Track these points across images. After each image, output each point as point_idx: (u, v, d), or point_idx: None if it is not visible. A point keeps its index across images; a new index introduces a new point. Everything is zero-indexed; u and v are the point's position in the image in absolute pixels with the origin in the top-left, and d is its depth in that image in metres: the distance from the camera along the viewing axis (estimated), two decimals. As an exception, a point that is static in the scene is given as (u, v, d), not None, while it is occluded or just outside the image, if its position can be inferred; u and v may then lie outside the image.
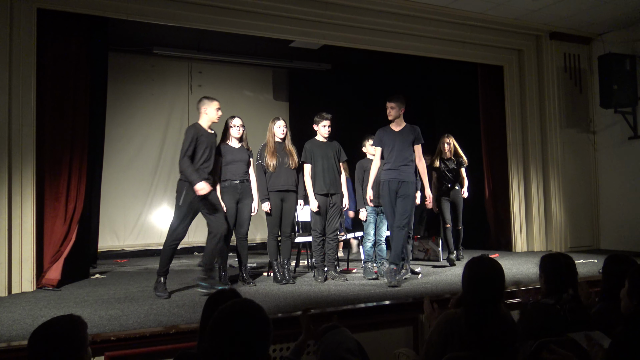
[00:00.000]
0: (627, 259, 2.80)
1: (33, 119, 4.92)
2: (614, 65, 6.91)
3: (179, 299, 4.31)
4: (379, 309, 3.89)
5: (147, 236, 8.47)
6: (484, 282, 2.27)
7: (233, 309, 1.67)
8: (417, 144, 4.99)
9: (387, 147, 4.99)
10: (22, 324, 3.52)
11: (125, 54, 8.11)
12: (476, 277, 2.31)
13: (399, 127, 5.02)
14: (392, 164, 4.92)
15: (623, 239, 7.16)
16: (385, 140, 5.02)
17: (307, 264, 6.13)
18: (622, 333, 2.09)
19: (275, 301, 4.13)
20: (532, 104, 7.50)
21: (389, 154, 4.96)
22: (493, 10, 6.66)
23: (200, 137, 4.59)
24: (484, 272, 2.31)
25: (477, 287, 2.27)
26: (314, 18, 6.17)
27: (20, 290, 4.76)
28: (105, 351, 3.05)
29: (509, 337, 2.20)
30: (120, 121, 8.20)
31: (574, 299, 2.65)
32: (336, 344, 2.24)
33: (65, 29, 5.24)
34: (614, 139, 7.43)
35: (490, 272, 2.31)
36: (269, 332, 1.67)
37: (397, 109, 4.97)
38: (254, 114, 8.35)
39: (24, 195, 4.85)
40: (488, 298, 2.24)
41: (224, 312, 1.67)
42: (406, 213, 4.84)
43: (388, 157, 4.97)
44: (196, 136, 4.56)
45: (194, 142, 4.54)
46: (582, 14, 6.85)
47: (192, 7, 5.64)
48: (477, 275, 2.31)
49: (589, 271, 5.21)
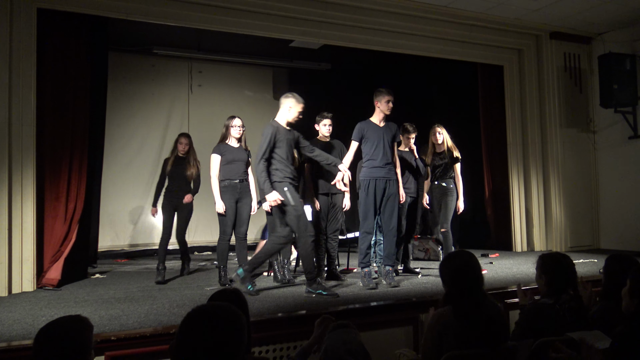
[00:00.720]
0: (628, 258, 2.80)
1: (33, 119, 4.92)
2: (614, 65, 6.91)
3: (179, 299, 4.31)
4: (379, 309, 3.89)
5: (147, 236, 8.46)
6: (462, 273, 2.38)
7: (205, 313, 1.62)
8: (397, 141, 4.95)
9: (370, 143, 4.75)
10: (22, 323, 3.52)
11: (125, 54, 8.11)
12: (454, 270, 2.42)
13: (383, 123, 4.84)
14: (379, 162, 4.71)
15: (623, 239, 7.15)
16: (368, 135, 4.76)
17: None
18: (623, 333, 2.09)
19: (275, 301, 4.13)
20: (532, 104, 7.50)
21: (374, 151, 4.73)
22: (493, 10, 6.66)
23: (279, 134, 4.41)
24: (459, 264, 2.42)
25: (457, 279, 2.39)
26: (314, 18, 6.17)
27: (20, 290, 4.76)
28: (105, 351, 3.04)
29: (499, 323, 2.31)
30: (120, 121, 8.19)
31: (574, 298, 2.65)
32: (340, 343, 2.24)
33: (65, 29, 5.24)
34: (614, 139, 7.43)
35: (465, 263, 2.42)
36: (241, 339, 1.60)
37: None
38: (254, 114, 8.35)
39: (24, 195, 4.85)
40: (470, 287, 2.35)
41: (193, 315, 1.61)
42: (396, 213, 4.79)
43: (373, 153, 4.73)
44: (274, 134, 4.37)
45: (272, 142, 4.34)
46: (582, 14, 6.84)
47: (192, 7, 5.64)
48: (454, 269, 2.42)
49: (588, 271, 5.21)
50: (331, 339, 2.31)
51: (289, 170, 4.42)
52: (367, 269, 4.70)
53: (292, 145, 4.53)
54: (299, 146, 4.64)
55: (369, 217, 4.71)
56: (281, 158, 4.38)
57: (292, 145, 4.52)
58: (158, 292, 4.69)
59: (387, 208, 4.75)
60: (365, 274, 4.67)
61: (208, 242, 8.29)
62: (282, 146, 4.38)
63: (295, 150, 5.10)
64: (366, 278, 4.64)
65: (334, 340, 2.29)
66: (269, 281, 5.19)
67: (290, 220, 4.36)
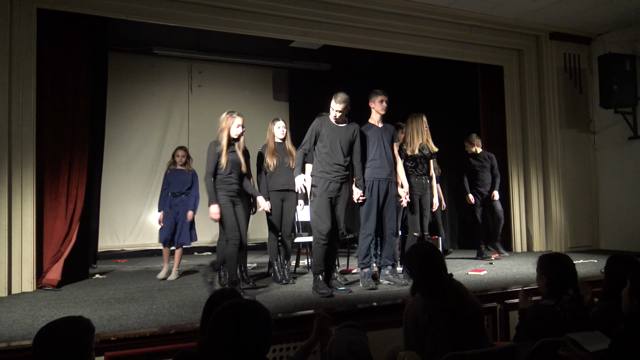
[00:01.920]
0: (630, 258, 2.80)
1: (33, 119, 4.92)
2: (614, 65, 6.92)
3: (179, 299, 4.31)
4: (378, 309, 3.89)
5: (147, 236, 8.46)
6: (427, 258, 2.53)
7: (236, 307, 1.66)
8: (396, 142, 4.95)
9: (370, 144, 4.73)
10: (22, 324, 3.52)
11: (125, 54, 8.11)
12: (418, 257, 2.56)
13: (381, 124, 4.85)
14: (380, 162, 4.71)
15: (623, 239, 7.16)
16: (369, 135, 4.77)
17: (307, 264, 6.13)
18: (623, 333, 2.09)
19: (275, 301, 4.13)
20: (532, 104, 7.50)
21: (375, 152, 4.72)
22: (493, 10, 6.66)
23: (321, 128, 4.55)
24: (424, 252, 2.58)
25: (423, 265, 2.51)
26: (314, 18, 6.17)
27: (20, 290, 4.76)
28: (105, 351, 3.04)
29: (467, 295, 2.43)
30: (120, 121, 8.20)
31: (574, 299, 2.65)
32: (345, 341, 2.27)
33: (65, 29, 5.24)
34: (614, 139, 7.43)
35: (428, 250, 2.58)
36: (270, 333, 1.66)
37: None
38: (254, 114, 8.34)
39: (24, 195, 4.85)
40: (436, 270, 2.48)
41: (226, 310, 1.65)
42: (395, 215, 4.82)
43: (374, 154, 4.72)
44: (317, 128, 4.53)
45: (313, 134, 4.53)
46: (582, 14, 6.85)
47: (192, 7, 5.64)
48: (418, 256, 2.57)
49: (588, 271, 5.21)
50: (337, 337, 2.34)
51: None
52: (367, 270, 4.70)
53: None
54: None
55: (370, 218, 4.70)
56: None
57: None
58: (158, 292, 4.69)
59: (389, 209, 4.76)
60: (365, 275, 4.67)
61: (208, 242, 8.27)
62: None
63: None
64: (366, 278, 4.64)
65: (340, 338, 2.32)
66: (269, 281, 5.18)
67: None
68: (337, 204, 4.55)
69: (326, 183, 4.46)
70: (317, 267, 4.44)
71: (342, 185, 4.54)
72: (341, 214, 4.57)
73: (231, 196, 4.50)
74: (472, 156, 6.70)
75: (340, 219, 4.59)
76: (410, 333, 2.42)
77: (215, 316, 1.64)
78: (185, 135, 8.85)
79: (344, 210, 4.61)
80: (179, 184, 5.60)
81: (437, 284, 2.42)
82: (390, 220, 4.76)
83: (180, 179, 5.63)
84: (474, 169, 6.65)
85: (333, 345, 2.29)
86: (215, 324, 1.63)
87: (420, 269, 2.51)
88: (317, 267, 4.43)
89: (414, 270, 2.57)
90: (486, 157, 6.69)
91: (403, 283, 4.68)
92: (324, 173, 4.48)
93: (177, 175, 5.64)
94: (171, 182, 5.63)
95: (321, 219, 4.41)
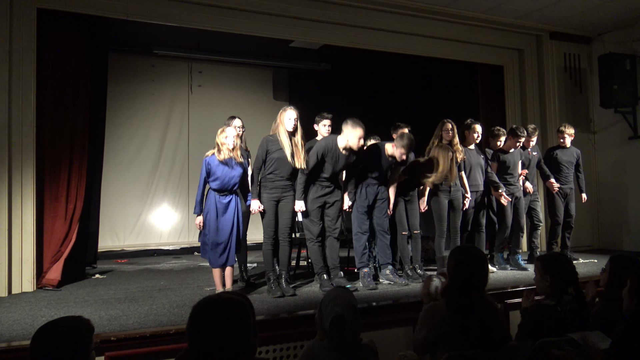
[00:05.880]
0: (631, 258, 2.80)
1: (33, 119, 4.91)
2: (614, 65, 6.92)
3: (179, 299, 4.31)
4: (378, 309, 3.89)
5: (147, 236, 8.46)
6: (468, 268, 2.39)
7: (205, 305, 1.72)
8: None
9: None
10: (22, 324, 3.52)
11: (125, 54, 8.11)
12: (461, 263, 2.42)
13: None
14: (372, 173, 4.81)
15: (623, 239, 7.15)
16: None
17: (307, 264, 6.12)
18: (623, 332, 2.09)
19: (275, 301, 4.13)
20: (532, 104, 7.49)
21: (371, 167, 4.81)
22: (493, 10, 6.66)
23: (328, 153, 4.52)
24: (468, 259, 2.43)
25: (462, 273, 2.38)
26: (314, 18, 6.17)
27: (20, 290, 4.75)
28: (105, 351, 3.04)
29: (496, 323, 2.30)
30: (120, 121, 8.19)
31: (575, 299, 2.65)
32: (332, 297, 2.30)
33: (65, 29, 5.23)
34: (614, 139, 7.43)
35: (474, 259, 2.43)
36: (245, 318, 1.70)
37: None
38: (254, 114, 8.35)
39: (24, 195, 4.85)
40: (472, 284, 2.35)
41: (196, 310, 1.71)
42: (386, 214, 4.83)
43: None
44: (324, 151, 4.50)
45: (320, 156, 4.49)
46: (582, 14, 6.84)
47: (192, 7, 5.64)
48: (461, 262, 2.42)
49: (588, 271, 5.21)
50: (329, 292, 2.39)
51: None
52: (367, 269, 4.70)
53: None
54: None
55: (363, 221, 4.75)
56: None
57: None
58: (158, 292, 4.69)
59: (377, 211, 4.79)
60: (364, 274, 4.67)
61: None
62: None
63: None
64: (366, 278, 4.64)
65: (328, 294, 2.37)
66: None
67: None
68: (331, 205, 4.62)
69: (318, 190, 4.57)
70: (317, 267, 4.57)
71: (334, 189, 4.64)
72: (336, 215, 4.65)
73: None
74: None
75: (339, 219, 4.68)
76: (424, 330, 2.41)
77: (190, 318, 1.72)
78: (186, 135, 8.86)
79: (338, 210, 4.68)
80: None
81: (463, 302, 2.32)
82: (384, 218, 4.79)
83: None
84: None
85: (323, 300, 2.33)
86: (190, 325, 1.71)
87: (454, 274, 2.42)
88: (318, 267, 4.56)
89: (449, 271, 2.48)
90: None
91: (403, 283, 4.68)
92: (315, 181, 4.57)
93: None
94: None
95: (312, 221, 4.57)
